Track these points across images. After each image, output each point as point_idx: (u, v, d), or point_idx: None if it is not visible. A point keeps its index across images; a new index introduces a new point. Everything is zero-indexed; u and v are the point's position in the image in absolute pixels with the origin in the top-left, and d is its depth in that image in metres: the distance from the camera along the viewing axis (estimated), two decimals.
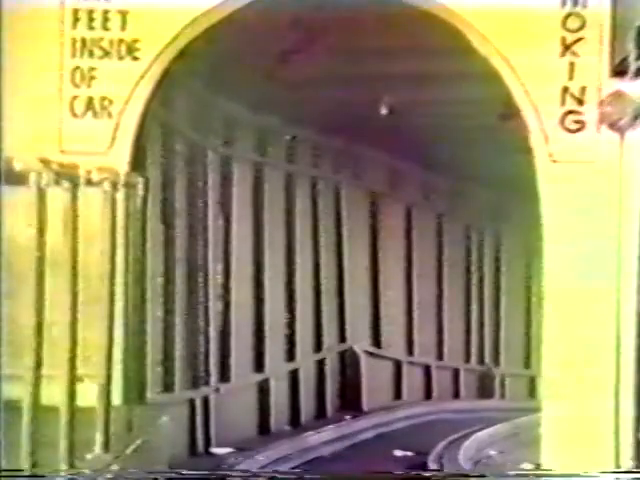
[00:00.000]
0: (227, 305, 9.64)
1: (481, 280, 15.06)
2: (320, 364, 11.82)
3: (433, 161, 13.02)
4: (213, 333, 9.24)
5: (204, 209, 9.15)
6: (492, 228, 15.29)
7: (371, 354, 12.86)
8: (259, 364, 10.35)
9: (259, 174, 10.43)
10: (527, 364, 15.38)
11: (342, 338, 12.38)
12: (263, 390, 10.42)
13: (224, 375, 9.57)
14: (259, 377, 10.37)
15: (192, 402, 8.77)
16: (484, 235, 15.19)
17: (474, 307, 14.86)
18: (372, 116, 9.60)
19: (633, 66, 7.63)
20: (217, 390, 9.37)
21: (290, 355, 11.10)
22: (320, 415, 11.67)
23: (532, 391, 14.94)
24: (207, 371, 9.22)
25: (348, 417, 11.69)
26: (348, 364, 12.43)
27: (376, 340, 13.12)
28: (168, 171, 8.21)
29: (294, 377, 11.14)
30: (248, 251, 10.19)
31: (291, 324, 11.14)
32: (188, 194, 8.75)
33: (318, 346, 11.77)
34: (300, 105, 9.88)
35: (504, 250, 15.42)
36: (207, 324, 9.13)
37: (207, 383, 9.20)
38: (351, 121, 10.34)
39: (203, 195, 9.13)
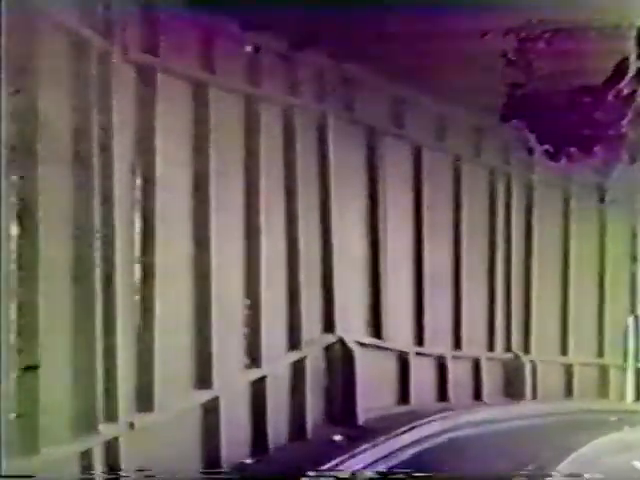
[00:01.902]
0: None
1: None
2: (297, 366, 8.63)
3: None
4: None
5: None
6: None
7: (367, 346, 9.64)
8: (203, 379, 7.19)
9: None
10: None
11: (328, 327, 9.18)
12: (209, 412, 7.26)
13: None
14: (204, 396, 7.20)
15: None
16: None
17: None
18: None
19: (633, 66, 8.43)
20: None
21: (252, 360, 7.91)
22: (298, 436, 8.50)
23: None
24: None
25: (338, 437, 8.55)
26: (337, 361, 9.22)
27: (374, 328, 9.91)
28: None
29: (257, 389, 7.97)
30: None
31: (254, 316, 7.95)
32: None
33: (293, 342, 8.58)
34: None
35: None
36: None
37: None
38: None
39: None
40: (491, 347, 11.47)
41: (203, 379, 7.20)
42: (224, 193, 7.53)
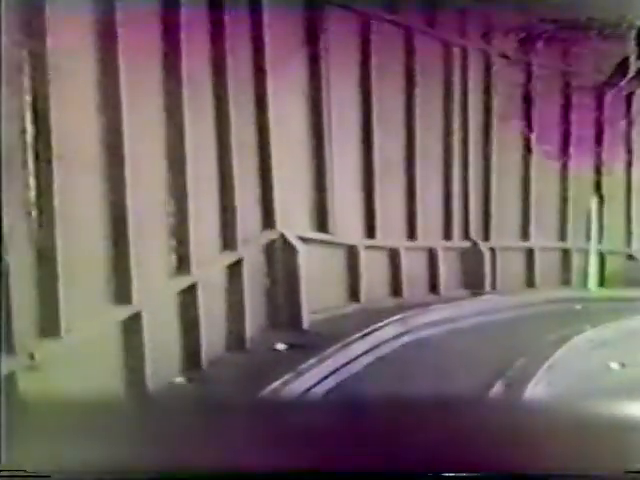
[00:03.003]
0: None
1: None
2: (233, 268, 7.59)
3: None
4: None
5: None
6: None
7: (312, 242, 8.64)
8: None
9: None
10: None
11: (268, 223, 8.13)
12: (130, 330, 6.23)
13: None
14: (122, 313, 6.15)
15: None
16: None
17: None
18: None
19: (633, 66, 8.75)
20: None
21: (179, 265, 6.83)
22: (236, 346, 7.54)
23: None
24: None
25: (281, 346, 7.62)
26: (279, 259, 8.21)
27: (320, 222, 8.88)
28: None
29: (186, 298, 6.93)
30: None
31: (180, 215, 6.84)
32: None
33: (227, 241, 7.52)
34: None
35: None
36: None
37: None
38: None
39: None
40: (448, 236, 10.54)
41: (121, 293, 6.15)
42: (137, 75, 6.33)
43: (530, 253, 11.49)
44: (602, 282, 11.97)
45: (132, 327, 6.23)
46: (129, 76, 6.13)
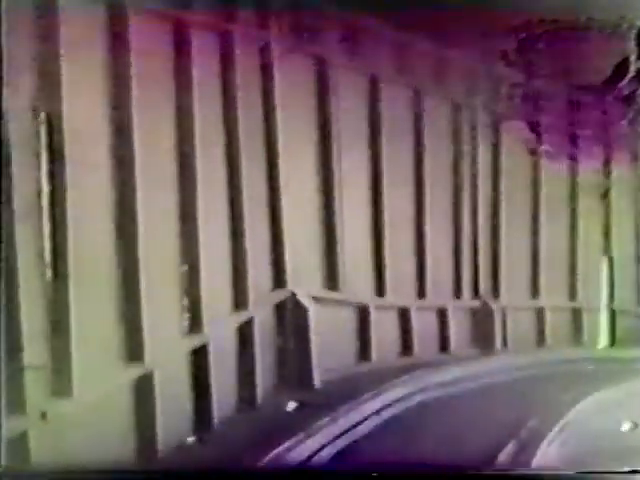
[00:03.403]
0: None
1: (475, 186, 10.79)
2: (244, 328, 7.60)
3: None
4: None
5: None
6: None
7: (322, 301, 8.65)
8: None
9: None
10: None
11: (279, 282, 8.15)
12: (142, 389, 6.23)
13: None
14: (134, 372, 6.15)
15: None
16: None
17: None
18: None
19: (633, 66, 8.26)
20: None
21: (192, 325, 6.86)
22: (247, 405, 7.52)
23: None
24: None
25: (291, 406, 7.59)
26: (290, 319, 8.22)
27: (330, 281, 8.90)
28: None
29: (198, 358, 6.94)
30: None
31: (193, 275, 6.87)
32: None
33: (238, 301, 7.54)
34: None
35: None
36: None
37: None
38: None
39: None
40: (458, 294, 10.52)
41: (133, 352, 6.17)
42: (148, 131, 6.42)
43: (540, 312, 11.45)
44: (613, 342, 11.91)
45: (144, 386, 6.23)
46: (141, 134, 6.23)
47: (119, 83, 6.11)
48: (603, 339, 11.62)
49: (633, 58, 9.71)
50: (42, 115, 5.47)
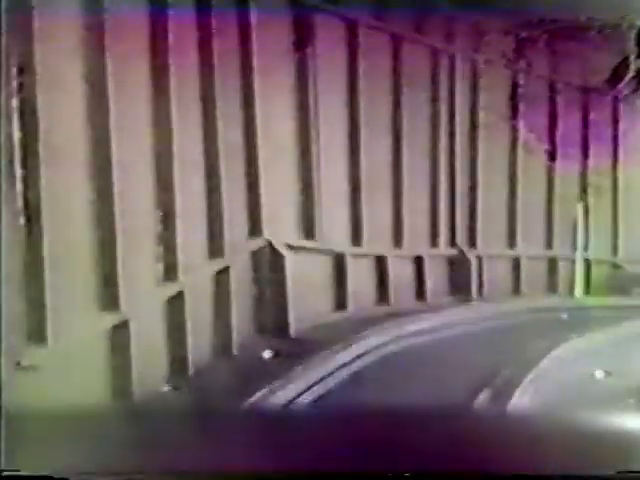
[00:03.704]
0: None
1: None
2: (220, 276, 7.58)
3: None
4: None
5: None
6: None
7: (299, 249, 8.64)
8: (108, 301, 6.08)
9: None
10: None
11: (254, 230, 8.12)
12: (117, 338, 6.21)
13: None
14: (110, 320, 6.12)
15: None
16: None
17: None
18: None
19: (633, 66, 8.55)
20: None
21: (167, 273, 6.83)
22: (222, 353, 7.52)
23: None
24: None
25: (267, 354, 7.60)
26: (266, 267, 8.21)
27: (306, 229, 8.88)
28: None
29: (173, 306, 6.93)
30: None
31: (167, 224, 6.84)
32: None
33: (214, 249, 7.51)
34: None
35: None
36: None
37: None
38: None
39: None
40: (434, 243, 10.54)
41: (109, 300, 6.15)
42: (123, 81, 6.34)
43: (516, 261, 11.50)
44: (588, 291, 12.00)
45: (119, 335, 6.22)
46: (116, 84, 6.15)
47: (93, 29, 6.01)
48: (578, 288, 11.71)
49: (633, 58, 9.75)
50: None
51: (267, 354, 7.60)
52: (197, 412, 5.72)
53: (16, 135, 5.38)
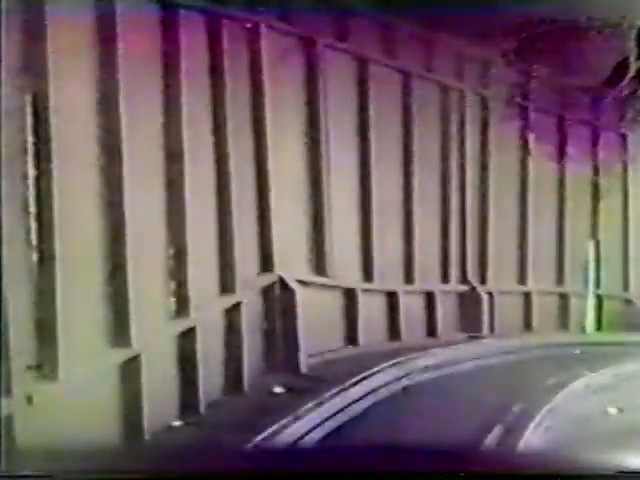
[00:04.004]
0: None
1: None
2: (231, 311, 7.59)
3: None
4: None
5: None
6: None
7: (310, 285, 8.64)
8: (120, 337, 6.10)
9: None
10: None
11: (266, 266, 8.13)
12: (128, 373, 6.21)
13: None
14: (121, 356, 6.13)
15: None
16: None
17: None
18: None
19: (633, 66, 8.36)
20: None
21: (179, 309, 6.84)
22: (234, 389, 7.51)
23: None
24: None
25: (278, 389, 7.58)
26: (277, 303, 8.21)
27: (318, 265, 8.89)
28: None
29: (185, 342, 6.93)
30: None
31: (179, 259, 6.86)
32: None
33: (226, 284, 7.52)
34: None
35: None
36: None
37: None
38: None
39: None
40: (445, 279, 10.53)
41: (120, 336, 6.15)
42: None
43: (527, 297, 11.47)
44: (600, 326, 11.96)
45: (131, 370, 6.22)
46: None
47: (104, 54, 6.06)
48: (590, 324, 11.67)
49: (633, 58, 9.76)
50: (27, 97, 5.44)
51: (278, 389, 7.59)
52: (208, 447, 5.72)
53: (30, 172, 5.42)
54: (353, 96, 9.32)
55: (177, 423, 6.69)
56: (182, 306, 6.83)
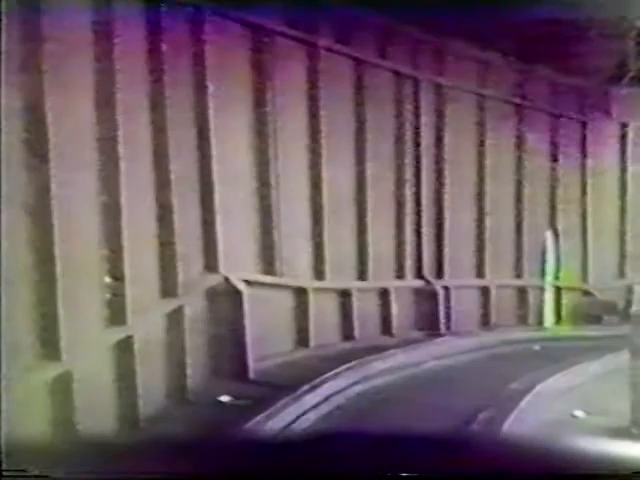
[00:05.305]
0: None
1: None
2: (173, 316, 7.04)
3: None
4: None
5: None
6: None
7: (258, 285, 8.12)
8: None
9: None
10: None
11: (210, 266, 7.59)
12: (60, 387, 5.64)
13: None
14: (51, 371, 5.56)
15: None
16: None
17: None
18: None
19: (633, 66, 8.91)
20: None
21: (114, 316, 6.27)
22: (177, 399, 6.97)
23: None
24: None
25: (225, 398, 7.06)
26: (223, 304, 7.68)
27: (266, 264, 8.37)
28: None
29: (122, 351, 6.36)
30: None
31: (116, 261, 6.28)
32: None
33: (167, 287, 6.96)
34: None
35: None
36: None
37: None
38: None
39: None
40: (400, 274, 10.07)
41: (50, 350, 5.57)
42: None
43: (486, 291, 11.06)
44: (559, 320, 11.63)
45: (63, 385, 5.66)
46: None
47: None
48: (549, 316, 11.35)
49: (633, 58, 9.86)
50: None
51: (225, 398, 7.08)
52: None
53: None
54: (301, 84, 8.82)
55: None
56: (118, 313, 6.25)
